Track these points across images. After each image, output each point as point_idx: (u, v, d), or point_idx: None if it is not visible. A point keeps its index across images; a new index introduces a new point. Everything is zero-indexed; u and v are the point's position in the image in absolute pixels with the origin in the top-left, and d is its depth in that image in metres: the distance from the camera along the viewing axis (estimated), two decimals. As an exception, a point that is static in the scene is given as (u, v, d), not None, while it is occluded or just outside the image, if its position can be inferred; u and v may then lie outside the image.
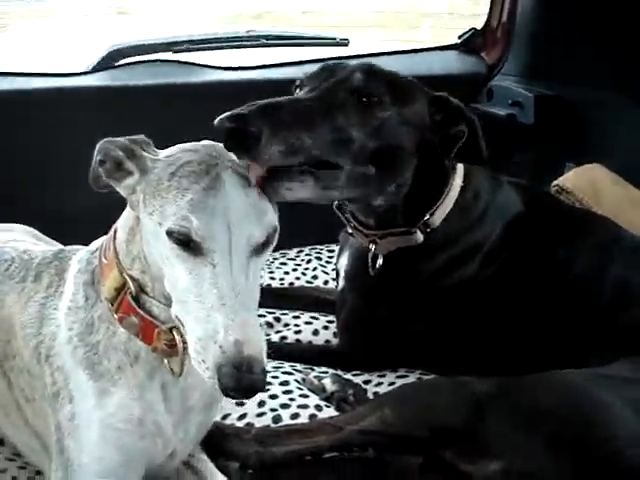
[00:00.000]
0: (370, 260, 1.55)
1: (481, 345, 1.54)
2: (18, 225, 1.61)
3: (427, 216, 1.49)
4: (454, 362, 1.55)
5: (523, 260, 1.54)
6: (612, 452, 1.12)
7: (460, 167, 1.54)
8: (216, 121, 1.13)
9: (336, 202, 1.54)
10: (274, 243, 1.03)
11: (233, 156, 1.04)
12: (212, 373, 0.92)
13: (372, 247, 1.54)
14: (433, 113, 1.43)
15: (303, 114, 1.26)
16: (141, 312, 1.08)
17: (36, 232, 1.64)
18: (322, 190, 1.27)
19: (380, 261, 1.53)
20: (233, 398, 0.95)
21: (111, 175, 1.06)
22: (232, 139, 1.08)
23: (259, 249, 0.99)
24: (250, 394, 0.93)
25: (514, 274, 1.53)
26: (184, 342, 1.01)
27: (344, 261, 1.71)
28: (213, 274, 0.94)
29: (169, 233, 0.96)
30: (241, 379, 0.90)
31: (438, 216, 1.50)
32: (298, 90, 1.43)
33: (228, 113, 1.15)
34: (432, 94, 1.45)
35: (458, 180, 1.52)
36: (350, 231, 1.59)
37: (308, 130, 1.24)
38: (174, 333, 1.06)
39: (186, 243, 0.96)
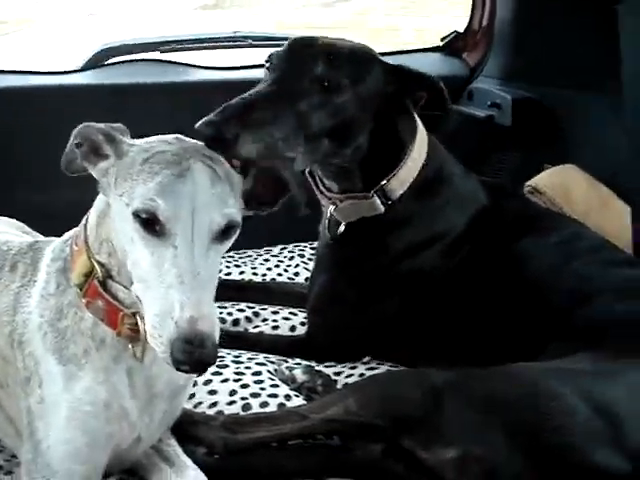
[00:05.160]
0: (327, 222, 1.64)
1: (442, 334, 1.58)
2: (4, 218, 1.65)
3: (384, 181, 1.56)
4: (418, 352, 1.59)
5: (486, 253, 1.58)
6: (560, 441, 1.15)
7: (421, 142, 1.60)
8: (196, 125, 1.24)
9: (307, 169, 1.62)
10: (234, 237, 1.07)
11: (207, 152, 1.09)
12: (166, 348, 0.96)
13: (331, 208, 1.62)
14: (387, 85, 1.53)
15: (272, 112, 1.37)
16: (107, 296, 1.11)
17: (22, 225, 1.66)
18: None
19: (342, 228, 1.61)
20: (185, 372, 1.00)
21: (87, 158, 1.09)
22: (211, 143, 1.15)
23: (219, 237, 1.03)
24: (201, 368, 0.98)
25: (476, 266, 1.57)
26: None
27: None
28: (174, 255, 0.99)
29: (135, 214, 1.00)
30: (192, 353, 0.94)
31: (396, 185, 1.57)
32: (268, 65, 1.51)
33: (205, 119, 1.26)
34: (388, 66, 1.54)
35: (416, 154, 1.58)
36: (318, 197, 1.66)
37: (278, 126, 1.37)
38: (137, 318, 1.10)
39: (151, 225, 1.00)
